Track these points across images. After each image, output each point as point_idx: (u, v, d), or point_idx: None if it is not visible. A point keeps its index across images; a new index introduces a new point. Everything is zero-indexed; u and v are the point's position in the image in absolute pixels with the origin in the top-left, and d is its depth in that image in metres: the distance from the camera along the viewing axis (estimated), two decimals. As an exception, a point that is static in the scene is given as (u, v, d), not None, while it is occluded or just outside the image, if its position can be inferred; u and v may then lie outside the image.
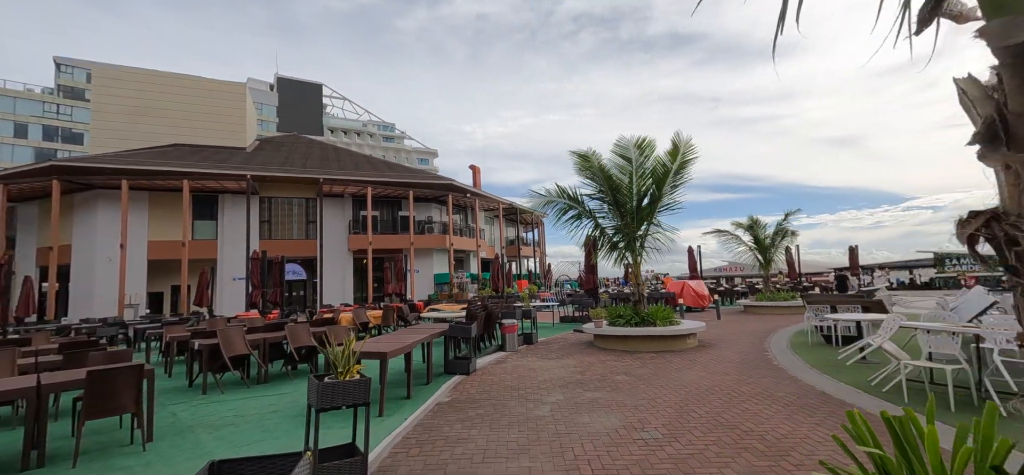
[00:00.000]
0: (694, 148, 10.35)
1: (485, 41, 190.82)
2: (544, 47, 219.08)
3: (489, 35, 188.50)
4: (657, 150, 10.35)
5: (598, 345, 10.16)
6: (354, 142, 72.52)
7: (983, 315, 6.47)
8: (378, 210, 30.81)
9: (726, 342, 10.23)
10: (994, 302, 6.92)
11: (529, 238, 46.97)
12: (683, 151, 10.06)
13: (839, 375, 6.60)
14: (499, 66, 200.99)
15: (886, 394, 5.46)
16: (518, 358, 9.10)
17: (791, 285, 23.15)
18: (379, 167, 31.94)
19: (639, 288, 10.36)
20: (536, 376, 7.40)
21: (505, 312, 10.54)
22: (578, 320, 15.07)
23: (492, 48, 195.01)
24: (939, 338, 5.47)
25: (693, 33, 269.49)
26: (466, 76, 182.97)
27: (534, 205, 10.80)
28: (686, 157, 10.07)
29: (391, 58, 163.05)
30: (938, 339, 5.48)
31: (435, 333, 7.32)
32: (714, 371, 7.29)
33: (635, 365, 7.99)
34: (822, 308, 9.35)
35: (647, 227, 10.50)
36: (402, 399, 6.16)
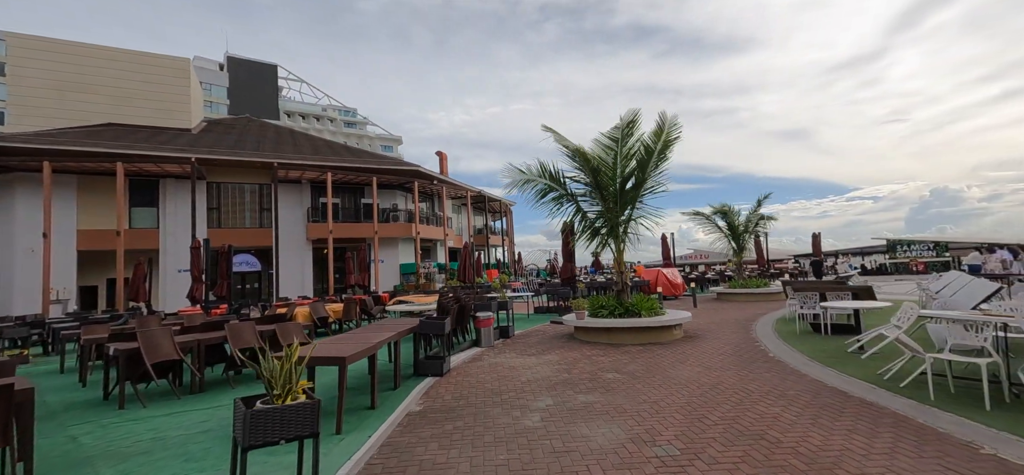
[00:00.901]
0: (679, 126, 9.75)
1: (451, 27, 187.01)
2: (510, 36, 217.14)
3: (455, 21, 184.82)
4: (641, 129, 9.70)
5: (579, 338, 9.49)
6: (313, 127, 69.23)
7: (989, 301, 6.16)
8: (339, 197, 29.17)
9: (711, 332, 9.78)
10: (999, 288, 6.65)
11: (497, 227, 46.12)
12: (667, 130, 9.44)
13: (845, 368, 6.14)
14: (465, 53, 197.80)
15: (906, 390, 4.98)
16: (495, 354, 8.29)
17: (759, 272, 23.37)
18: (340, 152, 30.22)
19: (623, 277, 9.74)
20: (518, 376, 6.61)
21: (479, 304, 9.69)
22: (554, 311, 14.40)
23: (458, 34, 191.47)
24: (954, 328, 5.03)
25: (655, 26, 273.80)
26: (431, 63, 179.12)
27: (513, 181, 9.96)
28: (670, 136, 9.45)
29: (352, 42, 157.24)
30: (953, 329, 5.05)
31: (403, 330, 6.40)
32: (710, 366, 6.71)
33: (623, 360, 7.34)
34: (811, 296, 9.00)
35: (631, 211, 9.86)
36: (365, 410, 5.23)
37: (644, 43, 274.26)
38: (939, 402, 4.56)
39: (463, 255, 18.55)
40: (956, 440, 3.70)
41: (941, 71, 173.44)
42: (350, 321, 12.09)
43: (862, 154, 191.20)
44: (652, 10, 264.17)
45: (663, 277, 18.09)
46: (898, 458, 3.43)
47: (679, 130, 9.47)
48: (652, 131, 9.72)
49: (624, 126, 9.31)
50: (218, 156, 23.67)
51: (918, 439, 3.75)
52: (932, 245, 33.20)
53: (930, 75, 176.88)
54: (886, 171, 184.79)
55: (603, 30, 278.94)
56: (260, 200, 26.63)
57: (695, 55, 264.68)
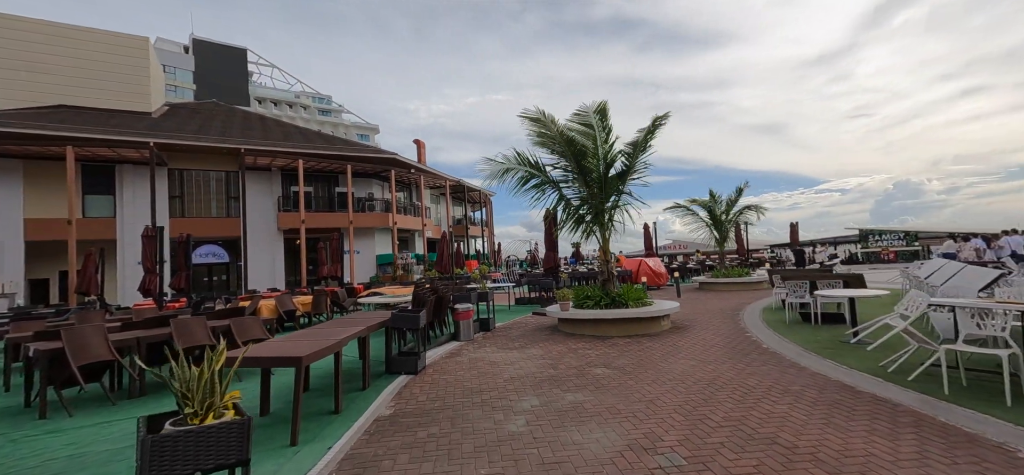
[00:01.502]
0: (667, 114, 9.31)
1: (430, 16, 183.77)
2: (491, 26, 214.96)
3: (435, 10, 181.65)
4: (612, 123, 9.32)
5: (564, 330, 9.03)
6: (285, 114, 66.93)
7: (990, 288, 5.92)
8: (312, 186, 28.06)
9: (698, 322, 9.45)
10: (1002, 274, 6.43)
11: (477, 217, 45.45)
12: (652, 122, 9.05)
13: (844, 359, 5.82)
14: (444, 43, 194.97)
15: (916, 384, 4.65)
16: (475, 349, 7.76)
17: (739, 261, 23.41)
18: (312, 138, 29.03)
19: (609, 266, 9.29)
20: (500, 372, 6.09)
21: (458, 296, 9.12)
22: (537, 302, 13.93)
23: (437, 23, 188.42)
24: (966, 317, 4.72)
25: (635, 19, 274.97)
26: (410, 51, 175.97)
27: (491, 173, 9.38)
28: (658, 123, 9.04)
29: (328, 29, 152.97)
30: (966, 318, 4.73)
31: (373, 324, 5.80)
32: (704, 359, 6.32)
33: (612, 354, 6.90)
34: (801, 285, 8.74)
35: (616, 198, 9.41)
36: (328, 415, 4.63)
37: (624, 36, 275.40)
38: (954, 397, 4.23)
39: (441, 245, 17.91)
40: (988, 442, 3.34)
41: (906, 68, 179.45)
42: (320, 315, 11.37)
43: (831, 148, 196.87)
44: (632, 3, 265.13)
45: (646, 266, 17.82)
46: (931, 465, 3.04)
47: (665, 120, 9.06)
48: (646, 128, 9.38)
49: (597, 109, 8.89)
50: (180, 141, 22.34)
51: (946, 441, 3.38)
52: (902, 235, 34.04)
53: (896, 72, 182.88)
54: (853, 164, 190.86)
55: (584, 22, 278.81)
56: (227, 188, 25.37)
57: (674, 49, 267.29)
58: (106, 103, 26.06)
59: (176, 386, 2.11)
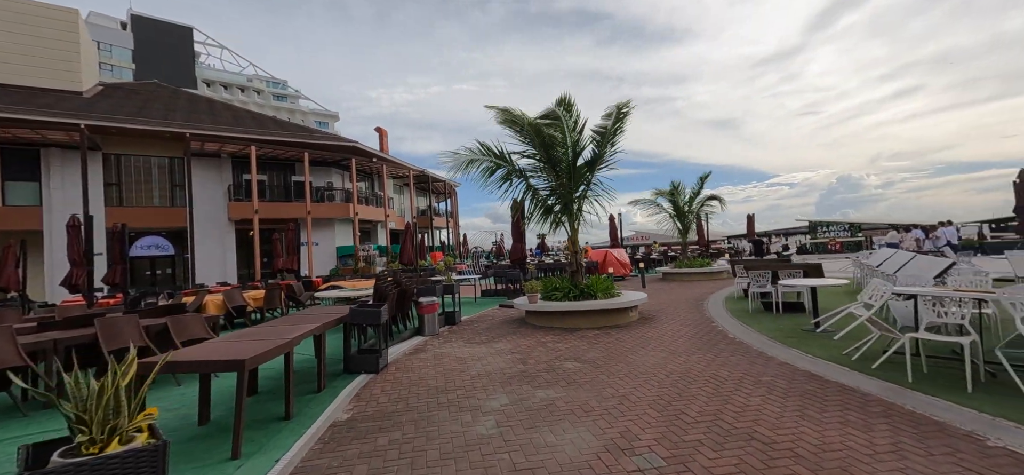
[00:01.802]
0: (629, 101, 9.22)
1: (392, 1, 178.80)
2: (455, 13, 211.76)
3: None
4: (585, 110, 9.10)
5: (532, 323, 8.84)
6: (237, 99, 63.47)
7: (943, 276, 6.13)
8: (266, 174, 26.70)
9: (665, 313, 9.48)
10: (952, 263, 6.69)
11: (442, 208, 44.72)
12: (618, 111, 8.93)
13: (808, 348, 5.89)
14: (407, 29, 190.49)
15: (879, 372, 4.71)
16: (440, 344, 7.43)
17: (700, 252, 24.01)
18: (266, 124, 27.54)
19: (577, 257, 9.15)
20: (467, 369, 5.80)
21: (422, 288, 8.74)
22: (504, 294, 13.69)
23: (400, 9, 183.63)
24: (928, 306, 4.82)
25: (599, 12, 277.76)
26: (371, 36, 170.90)
27: (455, 164, 9.01)
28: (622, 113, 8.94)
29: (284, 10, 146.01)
30: (927, 307, 4.83)
31: (330, 320, 5.37)
32: (674, 351, 6.26)
33: (582, 346, 6.74)
34: (763, 274, 8.89)
35: (585, 188, 9.26)
36: (277, 422, 4.21)
37: (588, 29, 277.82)
38: (917, 384, 4.29)
39: (405, 236, 17.36)
40: (957, 430, 3.35)
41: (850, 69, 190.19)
42: (274, 310, 10.70)
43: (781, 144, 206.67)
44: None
45: (612, 257, 17.93)
46: (908, 458, 2.99)
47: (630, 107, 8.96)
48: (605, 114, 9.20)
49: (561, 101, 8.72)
50: (117, 124, 20.59)
51: (917, 431, 3.37)
52: (847, 226, 36.03)
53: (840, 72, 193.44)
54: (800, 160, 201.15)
55: (548, 13, 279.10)
56: (171, 175, 23.73)
57: (636, 44, 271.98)
58: (30, 80, 23.70)
59: (67, 407, 1.70)
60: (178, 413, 4.55)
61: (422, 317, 8.10)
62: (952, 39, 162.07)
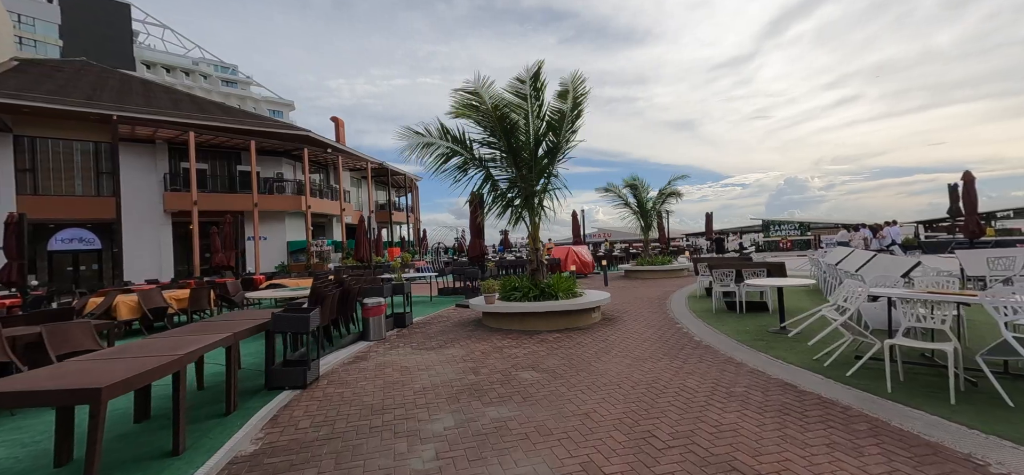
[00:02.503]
0: (584, 82, 8.73)
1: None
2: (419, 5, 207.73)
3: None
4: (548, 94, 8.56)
5: (488, 324, 8.23)
6: (181, 83, 59.40)
7: (908, 276, 5.96)
8: (208, 163, 24.81)
9: (628, 313, 9.09)
10: (918, 263, 6.56)
11: (402, 203, 43.39)
12: (573, 89, 8.41)
13: (776, 351, 5.57)
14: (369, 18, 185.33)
15: (855, 380, 4.39)
16: (386, 350, 6.69)
17: (660, 249, 24.12)
18: (208, 109, 25.58)
19: (538, 254, 8.60)
20: (412, 380, 5.12)
21: (369, 288, 7.95)
22: (461, 293, 13.00)
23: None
24: (906, 310, 4.54)
25: (564, 10, 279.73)
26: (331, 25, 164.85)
27: (411, 144, 8.25)
28: (578, 93, 8.44)
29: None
30: (907, 310, 4.56)
31: (244, 328, 4.55)
32: (639, 356, 5.80)
33: (541, 352, 6.19)
34: (727, 273, 8.65)
35: (546, 181, 8.72)
36: (163, 458, 3.40)
37: (553, 27, 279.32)
38: (897, 394, 3.97)
39: (359, 230, 16.34)
40: (954, 453, 2.99)
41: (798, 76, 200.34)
42: (202, 311, 9.59)
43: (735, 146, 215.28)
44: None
45: (574, 255, 17.57)
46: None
47: (585, 87, 8.47)
48: (557, 92, 8.65)
49: (530, 77, 8.06)
50: (29, 103, 18.41)
51: (911, 455, 2.99)
52: (797, 225, 37.48)
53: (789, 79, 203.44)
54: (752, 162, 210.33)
55: (514, 9, 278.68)
56: (97, 162, 21.55)
57: (600, 43, 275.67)
58: (-76, 50, 20.90)
59: None
60: (33, 448, 3.65)
61: (367, 320, 7.32)
62: (889, 51, 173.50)
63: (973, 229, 11.24)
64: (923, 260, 9.89)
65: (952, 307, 3.98)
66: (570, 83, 8.58)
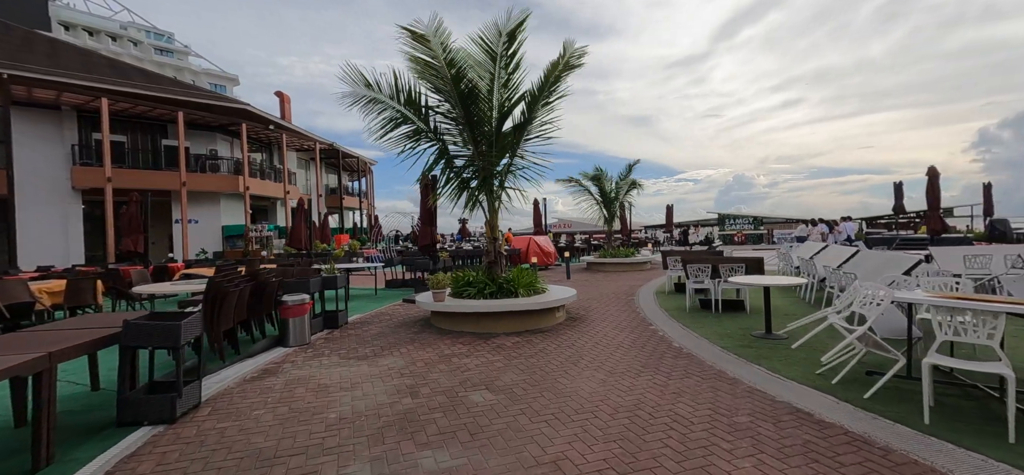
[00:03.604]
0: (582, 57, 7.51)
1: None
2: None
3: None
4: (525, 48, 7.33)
5: (437, 325, 7.09)
6: (107, 48, 53.71)
7: (911, 274, 5.33)
8: (127, 134, 22.07)
9: (595, 311, 8.20)
10: (921, 259, 5.96)
11: (355, 188, 41.06)
12: (568, 56, 7.25)
13: (772, 363, 4.77)
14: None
15: (875, 403, 3.60)
16: (305, 360, 5.42)
17: (622, 241, 23.65)
18: (127, 72, 22.68)
19: (496, 245, 7.51)
20: (326, 409, 3.92)
21: (292, 283, 6.60)
22: (411, 286, 11.73)
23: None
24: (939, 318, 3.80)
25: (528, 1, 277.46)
26: None
27: (353, 96, 6.93)
28: (572, 61, 7.29)
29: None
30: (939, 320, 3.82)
31: (66, 347, 3.20)
32: (614, 369, 4.85)
33: (497, 362, 5.13)
34: (702, 269, 7.89)
35: (509, 160, 7.62)
36: None
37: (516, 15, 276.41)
38: (939, 427, 3.19)
39: (298, 214, 14.67)
40: (1065, 531, 2.16)
41: (747, 78, 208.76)
42: (84, 306, 7.87)
43: (688, 143, 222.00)
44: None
45: (535, 246, 16.63)
46: None
47: (583, 58, 7.33)
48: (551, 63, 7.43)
49: (507, 33, 6.80)
50: None
51: (1010, 534, 2.13)
52: (752, 219, 38.38)
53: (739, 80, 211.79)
54: (704, 159, 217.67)
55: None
56: (-15, 128, 18.46)
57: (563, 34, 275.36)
58: None
59: None
60: None
61: (286, 322, 5.99)
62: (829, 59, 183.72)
63: (936, 226, 11.19)
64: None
65: (1002, 319, 3.23)
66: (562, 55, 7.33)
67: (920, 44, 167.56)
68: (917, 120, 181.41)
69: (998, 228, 17.12)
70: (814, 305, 7.89)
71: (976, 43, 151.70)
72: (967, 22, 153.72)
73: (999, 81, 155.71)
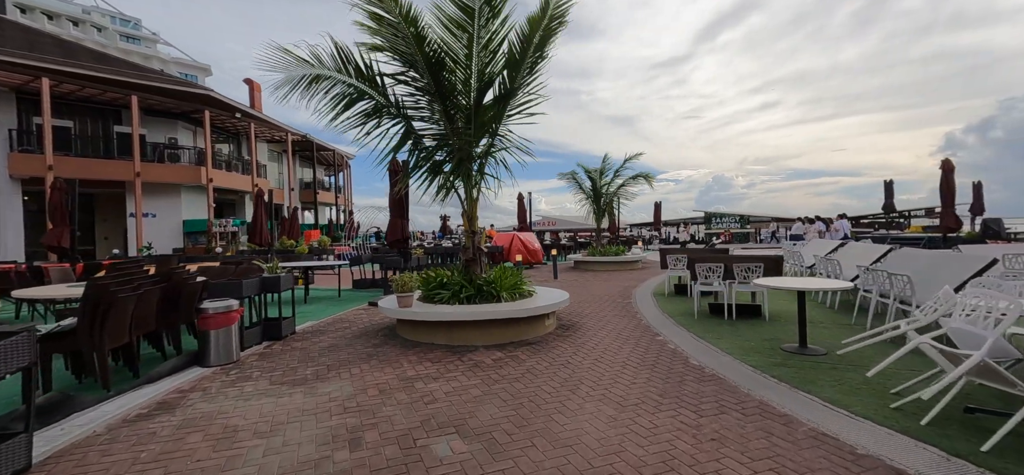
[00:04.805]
0: None
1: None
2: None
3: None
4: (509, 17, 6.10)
5: (404, 335, 5.88)
6: (68, 33, 50.70)
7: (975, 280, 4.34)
8: (74, 119, 20.19)
9: (589, 316, 7.09)
10: (995, 260, 4.98)
11: (331, 183, 39.32)
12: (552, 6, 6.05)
13: (822, 390, 3.71)
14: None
15: (1003, 462, 2.55)
16: (223, 386, 4.16)
17: (610, 239, 22.68)
18: (75, 52, 20.76)
19: (475, 240, 6.32)
20: (230, 465, 2.70)
21: (220, 285, 5.30)
22: (379, 286, 10.46)
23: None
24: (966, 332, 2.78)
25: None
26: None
27: (288, 80, 5.65)
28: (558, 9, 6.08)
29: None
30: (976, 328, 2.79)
31: None
32: (623, 399, 3.73)
33: (473, 390, 3.96)
34: (713, 269, 6.84)
35: (490, 140, 6.44)
36: None
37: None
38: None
39: (257, 207, 13.24)
40: None
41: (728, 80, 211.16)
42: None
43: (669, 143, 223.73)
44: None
45: (519, 242, 15.49)
46: None
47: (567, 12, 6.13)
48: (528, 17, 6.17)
49: None
50: None
51: None
52: (738, 218, 37.91)
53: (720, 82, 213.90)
54: (684, 159, 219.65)
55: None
56: (-96, 108, 16.58)
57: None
58: None
59: None
60: None
61: (206, 334, 4.72)
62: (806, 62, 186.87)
63: (951, 223, 10.38)
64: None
65: None
66: None
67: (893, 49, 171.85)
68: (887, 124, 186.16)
69: (991, 228, 16.63)
70: (839, 310, 6.93)
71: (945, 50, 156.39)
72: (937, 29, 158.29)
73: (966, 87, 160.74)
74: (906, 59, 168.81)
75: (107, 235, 22.99)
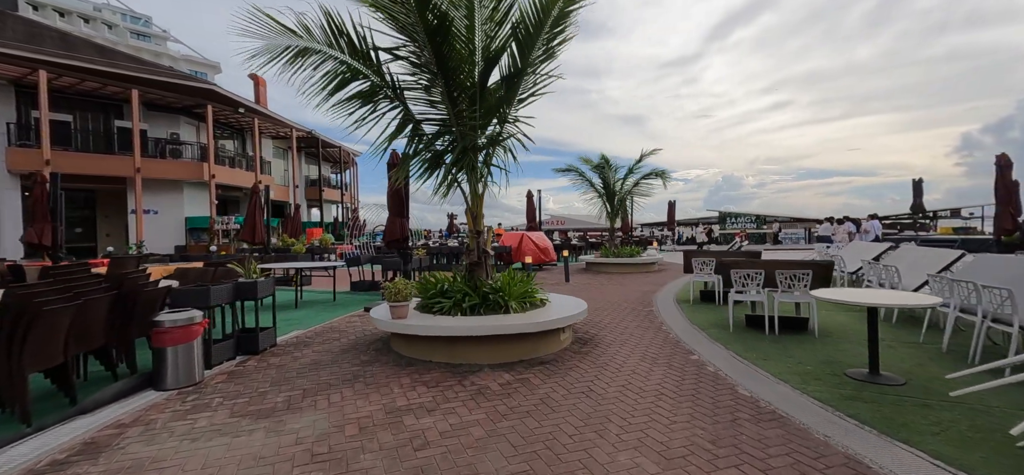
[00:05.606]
0: None
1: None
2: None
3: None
4: None
5: (398, 351, 5.12)
6: (79, 30, 50.75)
7: None
8: (75, 114, 19.76)
9: (608, 328, 6.28)
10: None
11: (338, 180, 38.80)
12: None
13: (928, 440, 2.88)
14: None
15: None
16: (173, 418, 3.43)
17: (622, 239, 21.80)
18: (75, 45, 20.36)
19: (481, 240, 5.54)
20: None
21: (185, 292, 4.57)
22: (376, 289, 9.74)
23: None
24: None
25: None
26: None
27: (269, 50, 4.91)
28: None
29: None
30: None
31: None
32: (666, 448, 2.92)
33: (474, 429, 3.19)
34: (752, 276, 5.99)
35: (498, 127, 5.64)
36: None
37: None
38: None
39: (252, 203, 12.60)
40: None
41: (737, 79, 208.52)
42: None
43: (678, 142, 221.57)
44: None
45: (529, 242, 14.68)
46: None
47: None
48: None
49: None
50: None
51: None
52: (754, 218, 36.75)
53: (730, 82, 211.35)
54: (694, 158, 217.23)
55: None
56: (-99, 102, 16.23)
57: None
58: None
59: None
60: None
61: (162, 352, 3.99)
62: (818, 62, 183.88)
63: (1007, 225, 9.36)
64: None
65: None
66: None
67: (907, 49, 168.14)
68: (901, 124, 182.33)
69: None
70: (899, 325, 6.05)
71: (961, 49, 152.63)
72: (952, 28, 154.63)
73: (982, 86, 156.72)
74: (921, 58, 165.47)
75: (109, 232, 22.60)
